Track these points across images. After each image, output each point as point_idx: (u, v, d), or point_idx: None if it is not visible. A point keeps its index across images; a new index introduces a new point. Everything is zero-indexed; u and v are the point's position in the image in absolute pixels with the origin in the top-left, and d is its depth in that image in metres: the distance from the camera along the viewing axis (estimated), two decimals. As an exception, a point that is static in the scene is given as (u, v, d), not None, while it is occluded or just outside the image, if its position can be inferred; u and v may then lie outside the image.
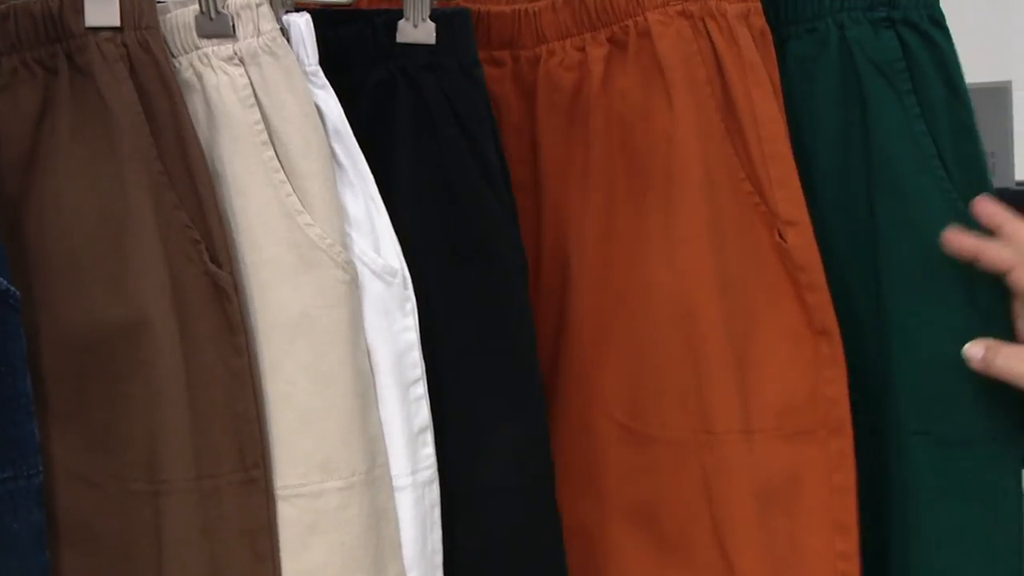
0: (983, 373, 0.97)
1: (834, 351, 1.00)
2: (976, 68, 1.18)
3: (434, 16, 0.99)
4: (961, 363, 0.98)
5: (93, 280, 0.94)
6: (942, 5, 1.01)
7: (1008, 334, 0.98)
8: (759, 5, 1.01)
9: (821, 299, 1.00)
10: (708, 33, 1.01)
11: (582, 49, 1.06)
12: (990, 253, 0.97)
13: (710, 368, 1.00)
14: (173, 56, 0.95)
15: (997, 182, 1.19)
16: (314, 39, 0.95)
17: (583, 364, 1.04)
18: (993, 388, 0.98)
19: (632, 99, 1.03)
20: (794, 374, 1.01)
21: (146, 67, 0.93)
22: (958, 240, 0.98)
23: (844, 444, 1.01)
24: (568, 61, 1.06)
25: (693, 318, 1.00)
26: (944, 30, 1.00)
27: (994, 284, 0.99)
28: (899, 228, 1.00)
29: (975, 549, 1.00)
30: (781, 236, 1.00)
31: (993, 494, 1.00)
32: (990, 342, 0.98)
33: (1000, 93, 1.20)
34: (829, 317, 1.00)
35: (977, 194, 0.99)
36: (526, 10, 1.08)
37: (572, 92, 1.06)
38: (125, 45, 0.93)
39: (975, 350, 0.97)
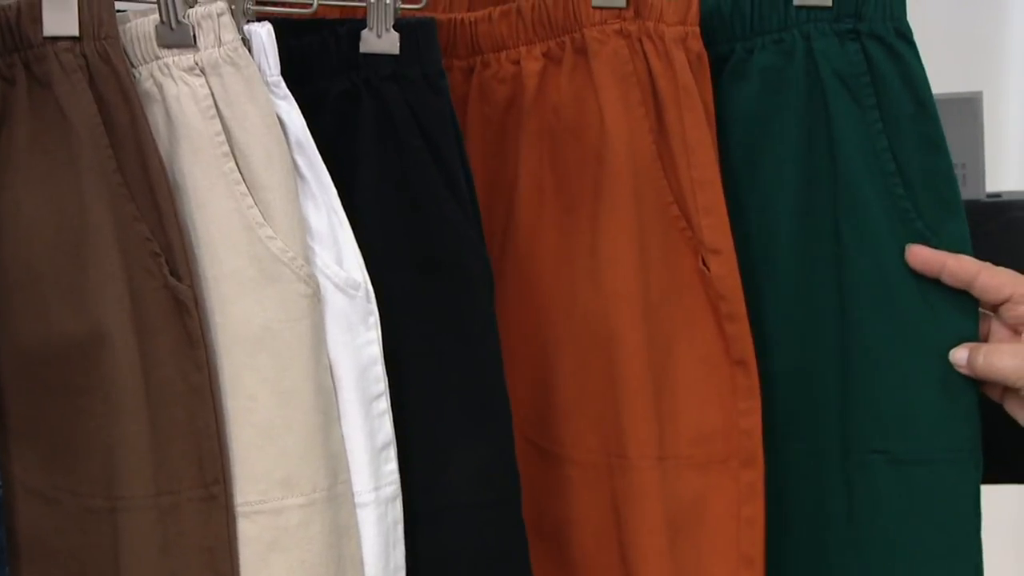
0: (971, 376, 0.97)
1: (750, 382, 1.00)
2: (946, 78, 1.18)
3: (398, 26, 0.98)
4: (920, 382, 0.98)
5: (51, 293, 0.93)
6: (913, 15, 1.00)
7: None
8: (697, 29, 1.00)
9: (740, 329, 1.00)
10: (644, 54, 1.00)
11: (517, 62, 1.05)
12: (952, 264, 0.97)
13: (627, 392, 1.00)
14: (133, 66, 0.93)
15: (967, 194, 1.19)
16: (276, 49, 0.94)
17: None
18: (952, 408, 0.98)
19: (564, 115, 1.03)
20: (709, 403, 1.01)
21: (105, 77, 0.92)
22: (921, 255, 0.98)
23: (755, 476, 1.01)
24: (502, 73, 1.06)
25: (614, 340, 1.00)
26: (911, 44, 0.99)
27: (955, 303, 0.99)
28: (858, 245, 0.99)
29: (931, 570, 1.00)
30: (704, 264, 1.00)
31: (950, 515, 0.99)
32: (972, 344, 0.98)
33: (970, 104, 1.20)
34: (747, 348, 1.00)
35: (946, 210, 0.98)
36: (462, 19, 1.07)
37: (505, 104, 1.06)
38: (84, 55, 0.92)
39: (959, 354, 0.98)
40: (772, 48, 1.01)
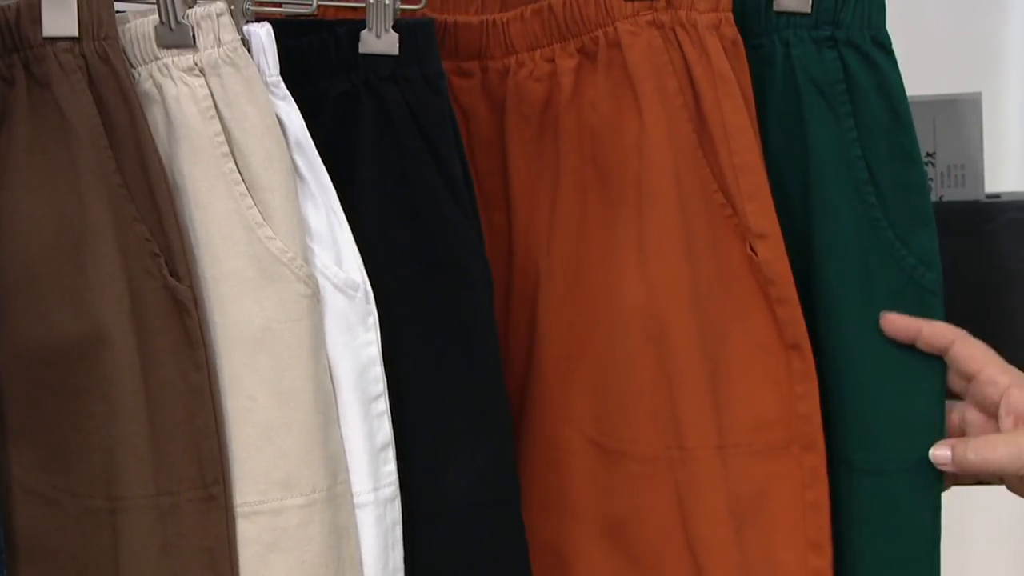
0: (958, 473, 0.98)
1: (805, 366, 1.00)
2: (946, 78, 1.18)
3: (397, 27, 0.98)
4: (878, 392, 0.99)
5: (51, 294, 0.93)
6: (913, 15, 1.00)
7: (936, 366, 0.99)
8: (730, 15, 1.00)
9: (792, 313, 0.99)
10: (679, 43, 1.00)
11: (551, 60, 1.05)
12: (926, 331, 0.98)
13: (682, 383, 0.99)
14: (132, 67, 0.94)
15: (967, 194, 1.19)
16: (275, 49, 0.94)
17: (554, 378, 1.03)
18: (911, 419, 0.99)
19: (602, 110, 1.02)
20: (766, 389, 1.00)
21: (105, 78, 0.92)
22: (895, 323, 0.98)
23: (816, 460, 1.00)
24: (538, 72, 1.05)
25: (665, 333, 0.99)
26: (889, 54, 0.98)
27: (918, 314, 0.98)
28: (827, 252, 0.99)
29: None
30: (752, 249, 0.99)
31: (908, 524, 1.00)
32: (953, 441, 0.97)
33: (970, 104, 1.20)
34: (800, 331, 0.99)
35: (917, 220, 0.98)
36: (494, 20, 1.07)
37: (542, 104, 1.05)
38: (83, 56, 0.92)
39: (941, 453, 0.97)
40: (753, 54, 1.01)
